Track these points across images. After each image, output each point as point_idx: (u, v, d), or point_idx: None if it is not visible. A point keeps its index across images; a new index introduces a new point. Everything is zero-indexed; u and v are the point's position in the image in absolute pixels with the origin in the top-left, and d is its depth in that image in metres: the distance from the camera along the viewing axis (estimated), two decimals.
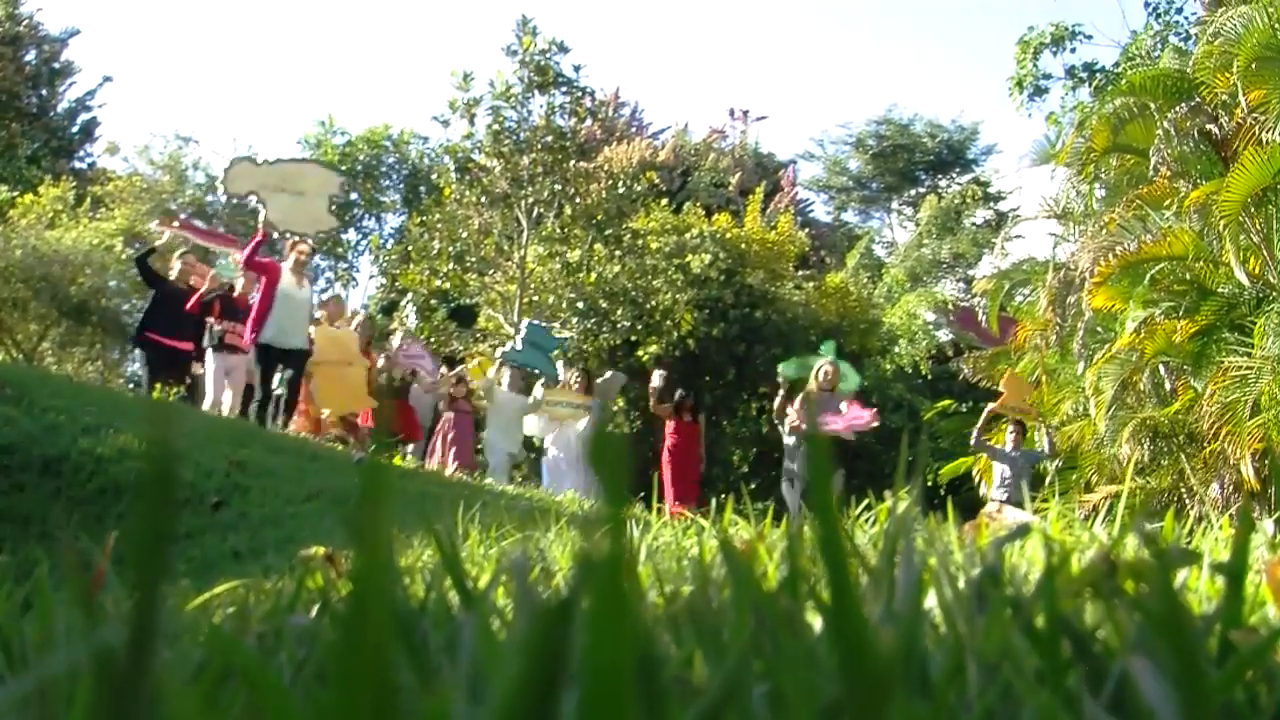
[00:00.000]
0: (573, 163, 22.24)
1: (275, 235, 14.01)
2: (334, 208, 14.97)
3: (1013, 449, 13.82)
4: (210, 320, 13.72)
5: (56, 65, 34.37)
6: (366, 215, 34.15)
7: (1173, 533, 1.73)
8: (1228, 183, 12.09)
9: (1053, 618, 0.64)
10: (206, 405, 13.34)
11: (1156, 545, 0.80)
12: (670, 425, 16.13)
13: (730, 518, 3.41)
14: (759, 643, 0.81)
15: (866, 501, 3.04)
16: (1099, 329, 15.41)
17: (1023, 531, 0.79)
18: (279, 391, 13.11)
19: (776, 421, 14.85)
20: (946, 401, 22.23)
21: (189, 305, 13.93)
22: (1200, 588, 1.12)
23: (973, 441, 14.37)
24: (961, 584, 1.13)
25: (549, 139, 22.04)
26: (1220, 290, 13.08)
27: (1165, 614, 0.58)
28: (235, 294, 14.20)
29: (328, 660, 0.91)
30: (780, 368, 15.70)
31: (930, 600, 1.05)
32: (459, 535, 3.48)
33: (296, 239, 13.75)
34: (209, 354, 13.88)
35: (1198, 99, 13.63)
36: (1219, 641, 0.68)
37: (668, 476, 15.42)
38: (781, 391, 14.82)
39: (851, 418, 13.69)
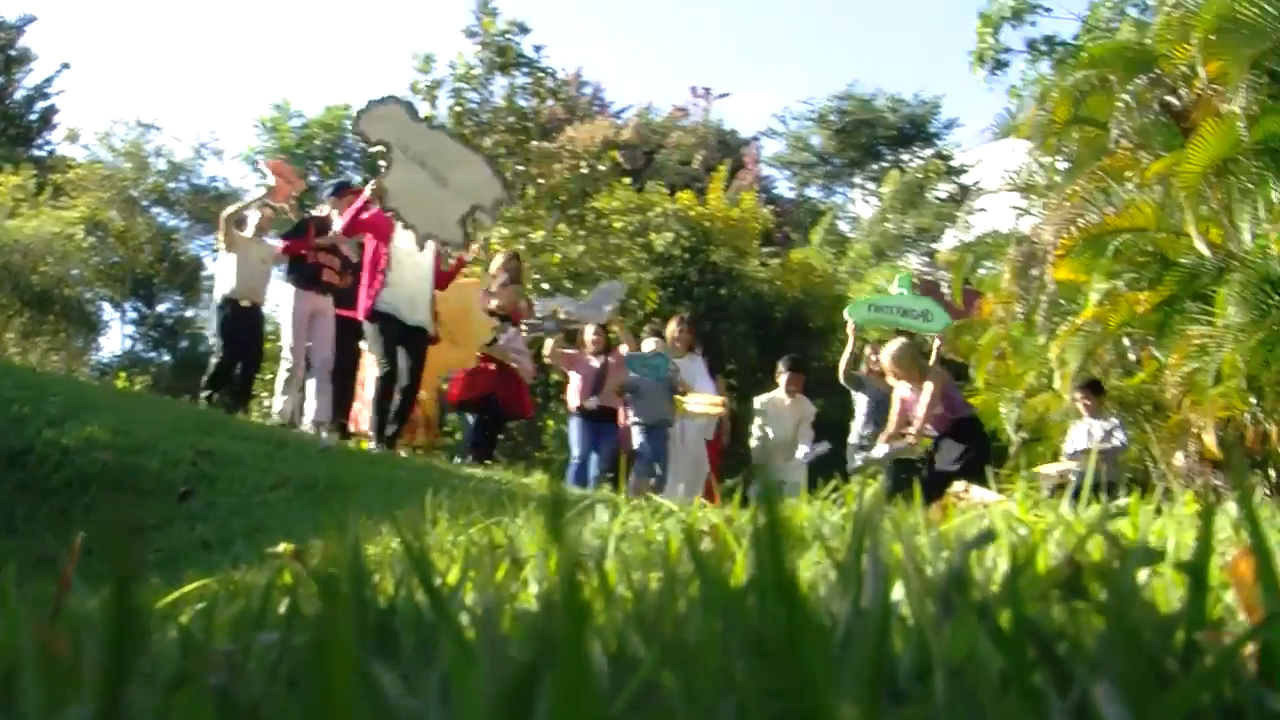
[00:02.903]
0: (535, 143, 22.21)
1: (381, 207, 10.28)
2: (474, 223, 10.89)
3: (1090, 416, 12.25)
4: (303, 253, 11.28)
5: (13, 52, 34.14)
6: None
7: (1138, 513, 1.75)
8: (1187, 154, 12.16)
9: (1018, 622, 0.65)
10: (285, 361, 11.27)
11: (1119, 545, 0.80)
12: None
13: (700, 502, 3.41)
14: (728, 644, 0.81)
15: (833, 482, 3.05)
16: (1062, 301, 15.48)
17: (987, 538, 0.79)
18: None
19: (844, 380, 12.43)
20: None
21: (284, 247, 11.43)
22: (1168, 574, 1.13)
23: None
24: (930, 573, 1.14)
25: (511, 120, 22.02)
26: (1182, 261, 13.16)
27: (1126, 629, 0.58)
28: (326, 215, 11.60)
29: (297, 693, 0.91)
30: (847, 311, 13.19)
31: (898, 590, 1.06)
32: (428, 522, 3.48)
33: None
34: (290, 293, 11.38)
35: (1157, 71, 13.68)
36: (1183, 643, 0.68)
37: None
38: (850, 342, 12.53)
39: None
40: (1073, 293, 15.11)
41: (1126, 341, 15.34)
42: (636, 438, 11.68)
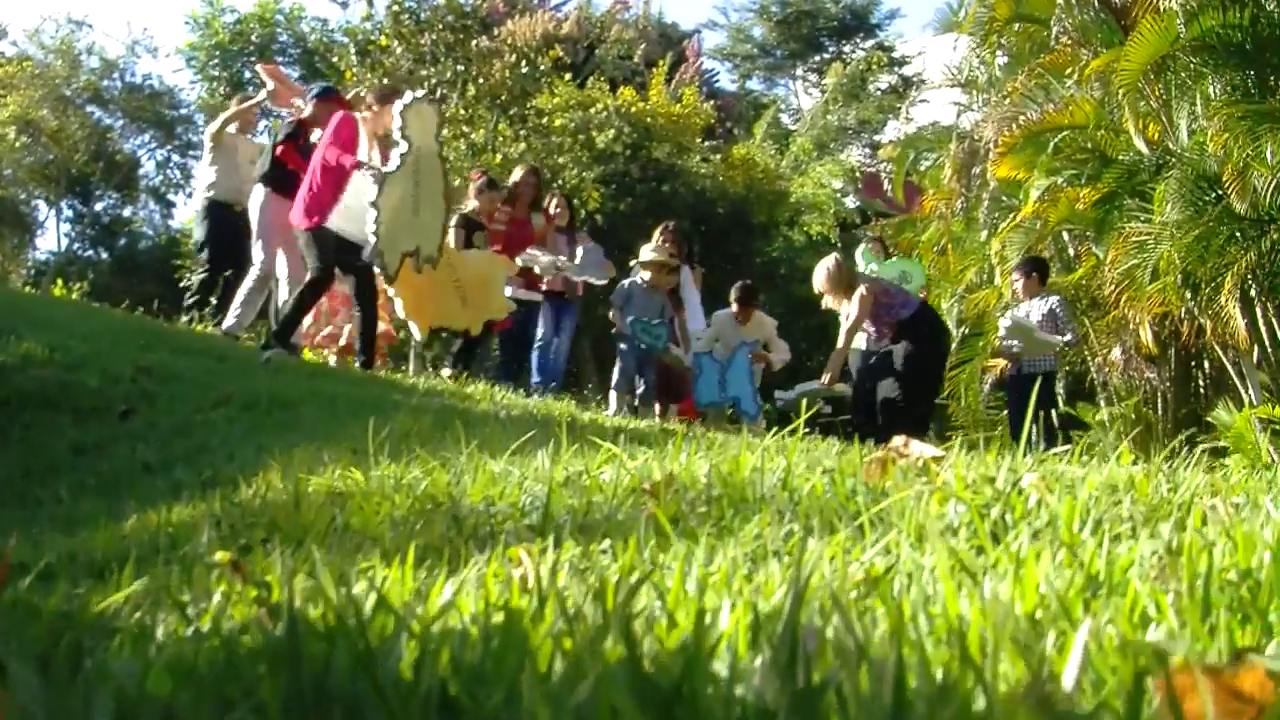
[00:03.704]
0: (475, 41, 21.89)
1: (365, 167, 9.34)
2: (396, 259, 9.56)
3: (1027, 297, 11.40)
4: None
5: None
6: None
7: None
8: (1126, 51, 12.18)
9: None
10: (254, 269, 10.67)
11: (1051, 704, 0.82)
12: None
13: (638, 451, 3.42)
14: None
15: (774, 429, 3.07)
16: (1004, 197, 15.57)
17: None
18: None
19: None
20: None
21: (283, 150, 10.49)
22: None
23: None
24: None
25: (450, 18, 21.69)
26: (1121, 158, 13.23)
27: None
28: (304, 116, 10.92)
29: None
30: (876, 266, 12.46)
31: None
32: (370, 456, 3.48)
33: (372, 94, 10.04)
34: (260, 195, 10.71)
35: None
36: None
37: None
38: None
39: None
40: (1013, 189, 15.19)
41: (1066, 237, 15.46)
42: (622, 349, 11.45)
